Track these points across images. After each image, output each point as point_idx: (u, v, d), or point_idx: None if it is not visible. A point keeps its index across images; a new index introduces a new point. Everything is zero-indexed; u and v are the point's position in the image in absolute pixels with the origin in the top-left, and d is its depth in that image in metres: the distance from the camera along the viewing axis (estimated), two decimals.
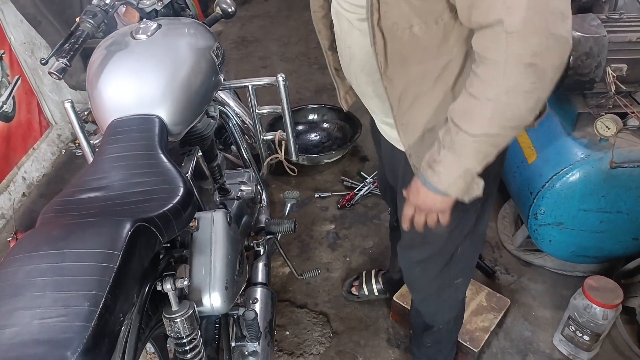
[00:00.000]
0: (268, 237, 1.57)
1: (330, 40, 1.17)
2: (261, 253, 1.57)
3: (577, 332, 1.58)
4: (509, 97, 0.81)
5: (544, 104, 0.90)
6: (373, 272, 1.90)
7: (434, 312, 1.40)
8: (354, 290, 1.89)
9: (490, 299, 1.73)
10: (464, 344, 1.60)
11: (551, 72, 0.79)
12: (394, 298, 1.75)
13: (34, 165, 2.60)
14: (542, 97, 0.82)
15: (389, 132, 1.13)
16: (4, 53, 2.40)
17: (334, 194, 2.39)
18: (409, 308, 1.65)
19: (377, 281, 1.86)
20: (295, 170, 2.46)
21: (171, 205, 0.90)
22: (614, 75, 1.51)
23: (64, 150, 2.84)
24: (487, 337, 1.63)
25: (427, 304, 1.39)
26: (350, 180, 2.46)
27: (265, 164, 1.66)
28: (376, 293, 1.86)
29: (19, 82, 2.50)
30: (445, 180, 0.91)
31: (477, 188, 0.94)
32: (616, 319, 1.60)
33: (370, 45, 0.92)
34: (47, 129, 2.76)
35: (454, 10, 0.86)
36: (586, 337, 1.57)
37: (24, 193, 2.51)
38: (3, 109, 2.37)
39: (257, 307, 1.40)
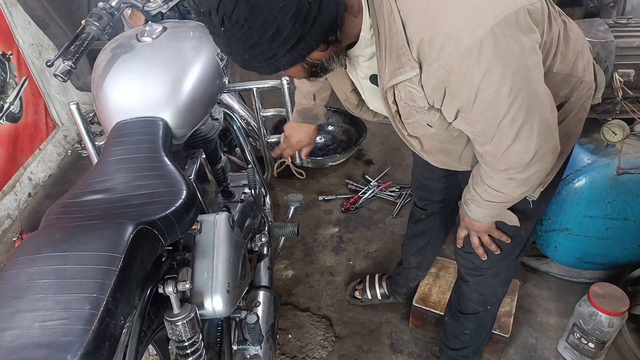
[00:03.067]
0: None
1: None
2: (264, 256, 1.56)
3: (582, 340, 1.57)
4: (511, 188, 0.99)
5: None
6: (377, 276, 1.89)
7: (490, 292, 1.38)
8: (357, 294, 1.89)
9: None
10: (495, 332, 1.59)
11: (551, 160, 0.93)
12: (414, 303, 1.73)
13: (40, 166, 2.62)
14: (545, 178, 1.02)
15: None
16: (12, 54, 2.42)
17: (338, 197, 2.39)
18: (430, 310, 1.70)
19: (380, 285, 1.86)
20: (304, 173, 2.47)
21: (174, 208, 0.90)
22: (621, 80, 1.50)
23: (70, 151, 2.86)
24: (512, 321, 1.64)
25: (485, 286, 1.36)
26: (355, 184, 2.45)
27: (274, 168, 1.66)
28: (379, 297, 1.86)
29: (27, 83, 2.52)
30: (475, 214, 1.12)
31: (511, 214, 1.11)
32: (622, 326, 1.58)
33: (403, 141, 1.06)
34: (53, 130, 2.77)
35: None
36: (591, 345, 1.56)
37: (29, 193, 2.53)
38: (10, 109, 2.39)
39: (260, 310, 1.40)
